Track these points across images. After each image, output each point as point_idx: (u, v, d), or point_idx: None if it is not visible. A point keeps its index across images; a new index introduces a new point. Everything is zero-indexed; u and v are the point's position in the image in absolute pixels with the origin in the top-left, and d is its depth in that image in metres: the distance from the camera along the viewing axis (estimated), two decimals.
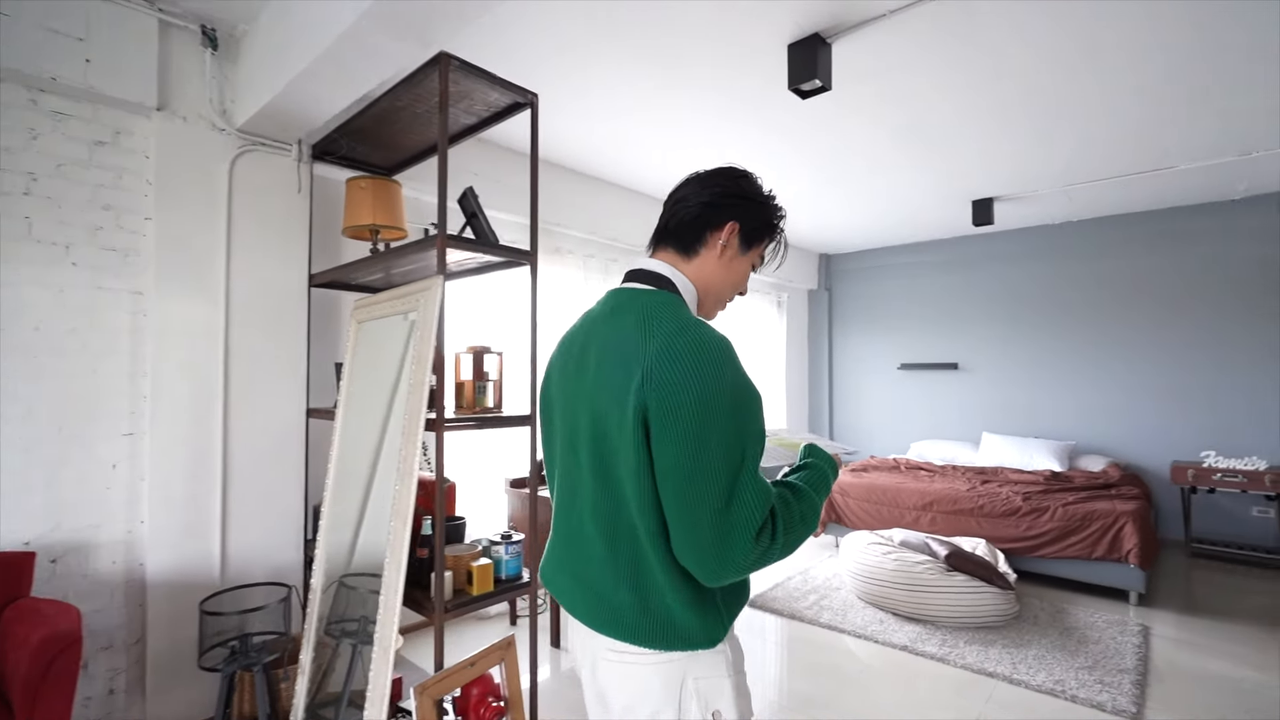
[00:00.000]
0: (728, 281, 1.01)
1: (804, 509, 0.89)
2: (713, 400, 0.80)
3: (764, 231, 1.02)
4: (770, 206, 1.02)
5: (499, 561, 2.02)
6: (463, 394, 2.10)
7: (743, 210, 0.98)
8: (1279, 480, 3.93)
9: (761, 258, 1.06)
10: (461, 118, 2.26)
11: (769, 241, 1.04)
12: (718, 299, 1.03)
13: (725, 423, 0.80)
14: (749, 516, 0.80)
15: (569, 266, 3.92)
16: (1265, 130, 3.25)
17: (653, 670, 0.88)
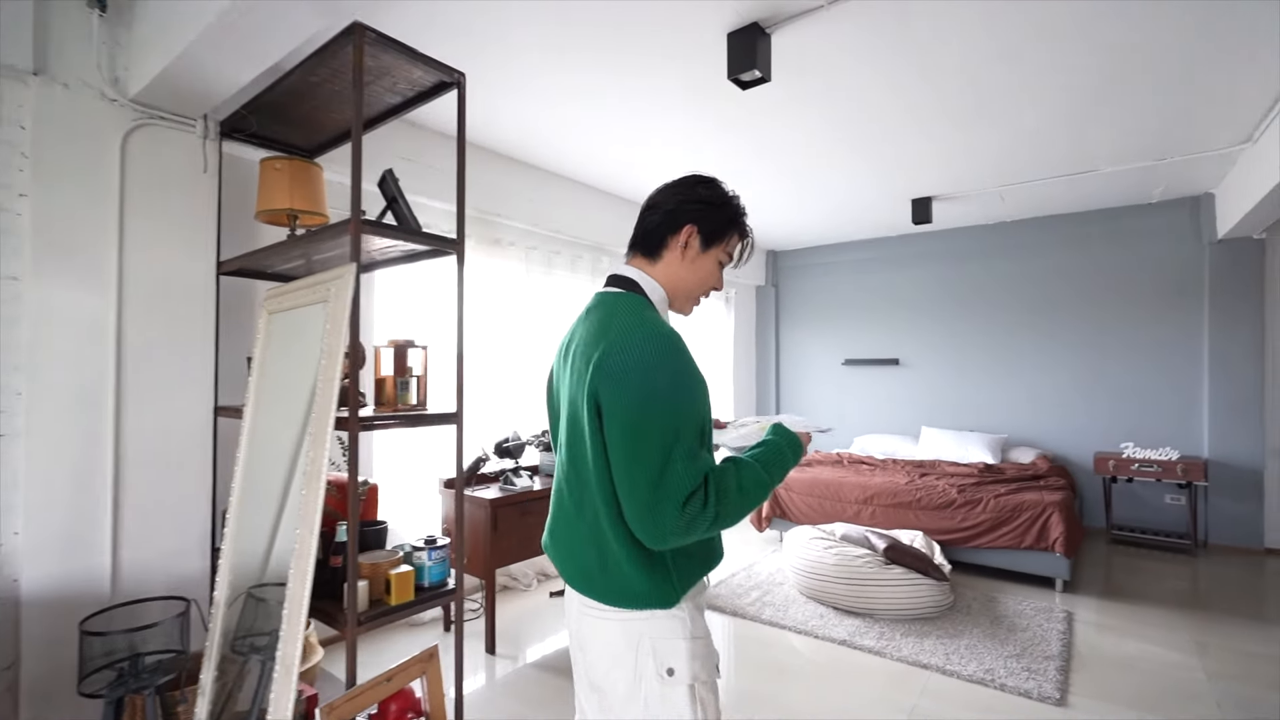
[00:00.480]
0: (694, 279, 1.12)
1: (744, 480, 0.98)
2: (652, 387, 0.93)
3: (724, 230, 1.12)
4: (728, 207, 1.12)
5: (421, 568, 1.90)
6: (383, 391, 1.97)
7: (699, 214, 1.10)
8: (1189, 469, 4.17)
9: (729, 254, 1.15)
10: (385, 97, 2.11)
11: (734, 238, 1.15)
12: (688, 296, 1.14)
13: (663, 406, 0.93)
14: (678, 486, 0.92)
15: (510, 259, 3.79)
16: (1179, 135, 3.41)
17: (616, 626, 1.02)
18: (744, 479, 0.99)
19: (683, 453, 0.93)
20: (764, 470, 1.02)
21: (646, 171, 3.98)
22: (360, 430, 1.70)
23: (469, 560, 2.91)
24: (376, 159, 3.03)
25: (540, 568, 3.82)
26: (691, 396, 0.97)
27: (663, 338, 0.97)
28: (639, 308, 1.04)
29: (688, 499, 0.93)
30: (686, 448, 0.94)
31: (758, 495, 1.00)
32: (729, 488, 0.96)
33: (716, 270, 1.14)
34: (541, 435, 3.37)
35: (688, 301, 1.15)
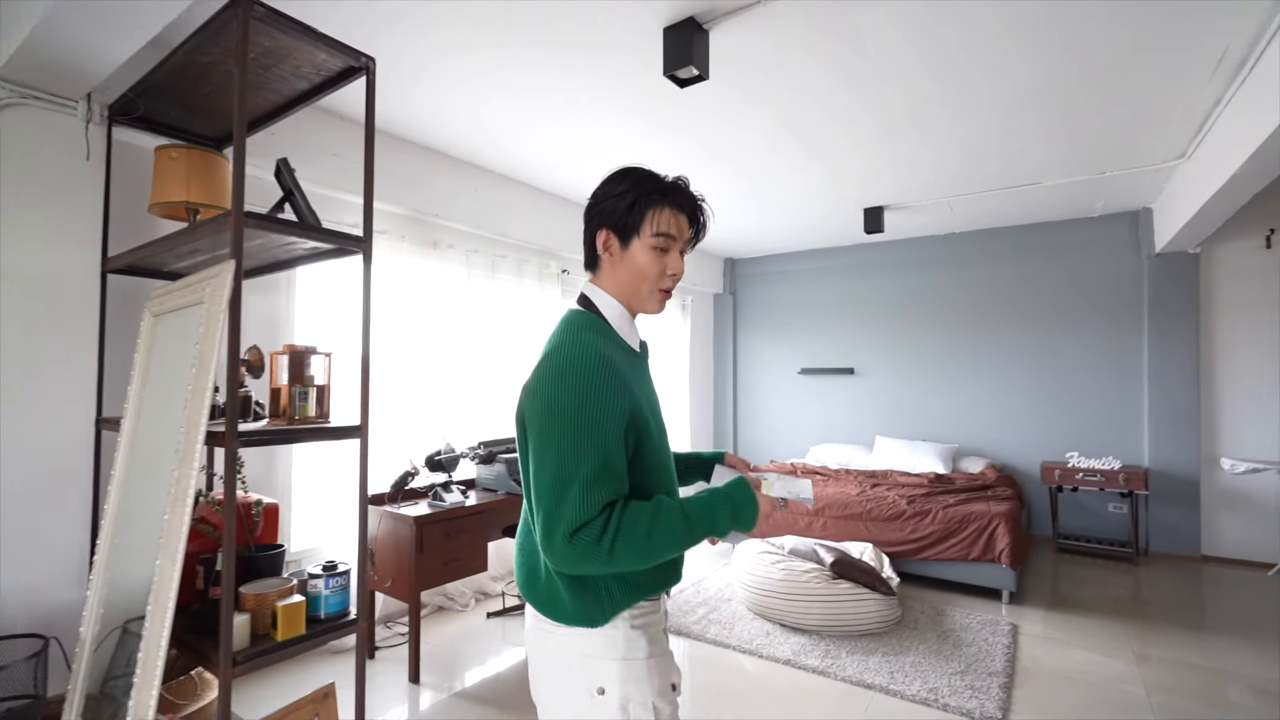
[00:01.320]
0: (633, 278, 1.05)
1: (657, 526, 0.92)
2: (557, 410, 0.92)
3: (633, 218, 1.03)
4: (628, 193, 1.03)
5: (317, 598, 1.73)
6: (278, 401, 1.79)
7: (604, 213, 1.05)
8: (1131, 478, 4.23)
9: (662, 234, 1.04)
10: (291, 82, 1.95)
11: (651, 217, 1.03)
12: (636, 295, 1.07)
13: (566, 430, 0.91)
14: (570, 514, 0.89)
15: (450, 262, 3.62)
16: (1118, 150, 3.46)
17: (550, 638, 1.02)
18: (657, 525, 0.93)
19: (583, 480, 0.90)
20: (685, 521, 0.95)
21: (595, 173, 3.85)
22: (241, 446, 1.52)
23: (392, 583, 2.72)
24: (297, 152, 2.84)
25: (479, 587, 3.63)
26: (600, 421, 0.92)
27: (579, 362, 0.94)
28: (582, 327, 1.02)
29: (578, 529, 0.89)
30: (587, 474, 0.90)
31: (669, 545, 0.93)
32: (636, 529, 0.91)
33: (654, 259, 1.04)
34: (477, 447, 3.20)
35: (643, 300, 1.08)
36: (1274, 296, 4.23)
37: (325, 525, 3.08)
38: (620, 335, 1.07)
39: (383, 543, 2.78)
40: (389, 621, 3.23)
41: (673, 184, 1.06)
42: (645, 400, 1.03)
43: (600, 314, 1.06)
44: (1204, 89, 2.73)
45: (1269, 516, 4.18)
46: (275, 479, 2.85)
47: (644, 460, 1.01)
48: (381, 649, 2.96)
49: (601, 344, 0.98)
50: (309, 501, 3.05)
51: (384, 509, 2.77)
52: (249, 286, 2.74)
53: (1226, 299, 4.37)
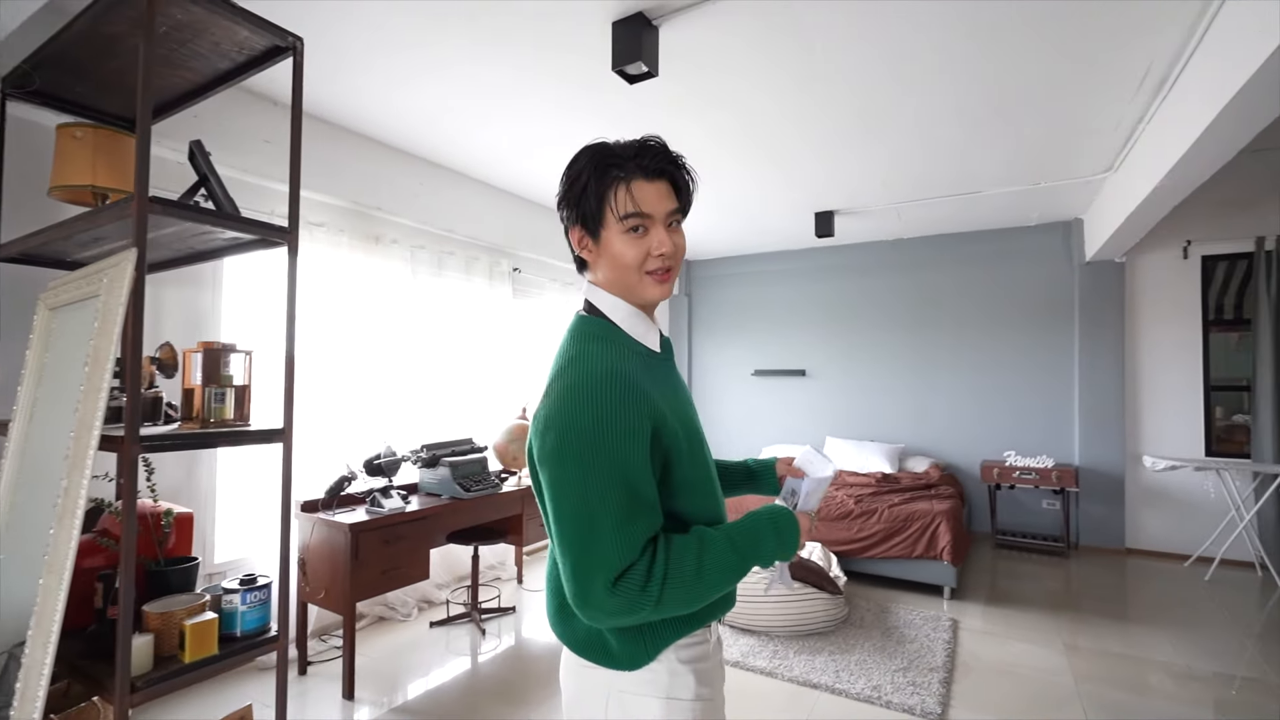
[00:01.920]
0: (616, 270, 0.91)
1: (706, 561, 0.82)
2: (569, 442, 0.79)
3: (593, 206, 0.89)
4: (579, 179, 0.90)
5: (232, 614, 1.60)
6: (191, 403, 1.66)
7: (568, 211, 0.93)
8: (1062, 476, 4.42)
9: (626, 214, 0.88)
10: (212, 60, 1.82)
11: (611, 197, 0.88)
12: (628, 287, 0.92)
13: (582, 464, 0.78)
14: (606, 559, 0.77)
15: (393, 258, 3.48)
16: (1051, 162, 3.61)
17: (583, 670, 0.91)
18: (706, 561, 0.81)
19: (613, 519, 0.78)
20: (734, 552, 0.84)
21: (547, 170, 3.79)
22: (144, 451, 1.39)
23: (325, 594, 2.58)
24: (226, 138, 2.69)
25: (422, 595, 3.50)
26: (619, 448, 0.79)
27: (588, 379, 0.82)
28: (588, 337, 0.90)
29: (621, 576, 0.77)
30: (616, 512, 0.78)
31: (720, 583, 0.82)
32: (683, 570, 0.80)
33: (631, 243, 0.89)
34: (420, 450, 3.08)
35: (638, 291, 0.93)
36: (1191, 303, 4.50)
37: (254, 535, 2.90)
38: (634, 336, 0.93)
39: (315, 552, 2.63)
40: (324, 635, 3.07)
41: (635, 149, 0.89)
42: (672, 409, 0.89)
43: (606, 317, 0.93)
44: (1129, 106, 2.86)
45: (1186, 511, 4.43)
46: (196, 486, 2.67)
47: (675, 478, 0.88)
48: (315, 664, 2.81)
49: (611, 354, 0.87)
50: (236, 510, 2.88)
51: (317, 516, 2.63)
52: (168, 279, 2.56)
53: (1149, 306, 4.62)
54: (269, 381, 2.15)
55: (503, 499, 3.22)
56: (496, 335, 4.16)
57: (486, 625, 3.28)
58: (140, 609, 1.52)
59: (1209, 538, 4.27)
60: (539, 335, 4.69)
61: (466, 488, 3.04)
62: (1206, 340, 4.47)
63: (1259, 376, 4.16)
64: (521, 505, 3.35)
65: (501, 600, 3.61)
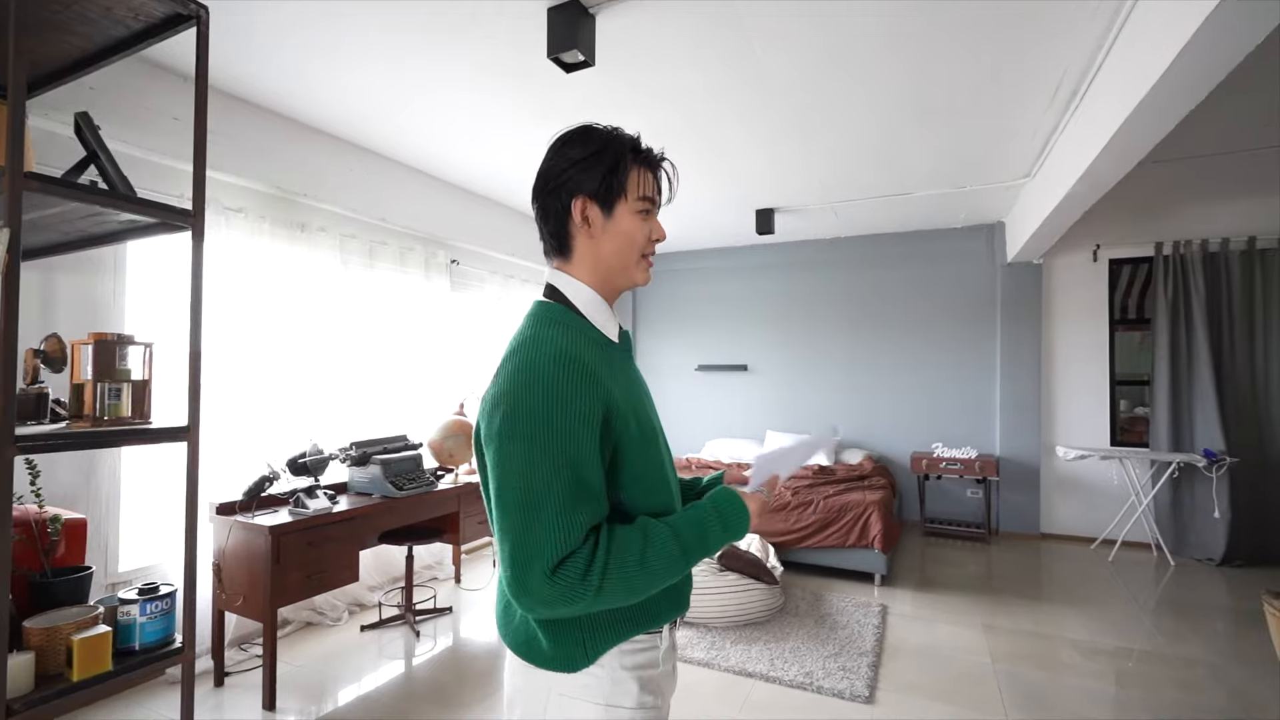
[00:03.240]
0: (617, 249, 0.91)
1: (650, 552, 0.80)
2: (517, 422, 0.78)
3: (617, 179, 0.90)
4: (609, 151, 0.90)
5: (130, 627, 1.49)
6: (81, 400, 1.52)
7: (580, 179, 0.90)
8: (985, 466, 4.67)
9: (646, 198, 0.92)
10: (104, 26, 1.66)
11: (636, 177, 0.91)
12: (624, 268, 0.93)
13: (529, 445, 0.77)
14: (545, 545, 0.75)
15: (320, 247, 3.31)
16: (975, 167, 3.79)
17: (526, 673, 0.88)
18: (650, 551, 0.80)
19: (556, 504, 0.76)
20: (677, 543, 0.82)
21: (485, 158, 3.69)
22: (19, 454, 1.26)
23: (244, 601, 2.44)
24: (129, 113, 2.49)
25: (353, 598, 3.37)
26: (569, 432, 0.78)
27: (540, 360, 0.81)
28: (546, 321, 0.89)
29: (560, 563, 0.76)
30: (560, 497, 0.76)
31: (663, 574, 0.81)
32: (627, 560, 0.78)
33: (640, 224, 0.92)
34: (349, 448, 2.96)
35: (628, 272, 0.93)
36: (1099, 303, 4.83)
37: (165, 541, 2.72)
38: (595, 325, 0.92)
39: (232, 556, 2.48)
40: (244, 643, 2.91)
41: (645, 145, 0.94)
42: (625, 399, 0.87)
43: (570, 303, 0.92)
44: (1045, 115, 3.03)
45: (1093, 497, 4.77)
46: (96, 490, 2.47)
47: (625, 470, 0.86)
48: (234, 674, 2.66)
49: (568, 339, 0.85)
50: (145, 515, 2.69)
51: (234, 519, 2.48)
52: (61, 266, 2.36)
53: (1062, 305, 4.93)
54: (182, 376, 2.00)
55: (438, 497, 3.13)
56: (433, 329, 4.04)
57: (421, 627, 3.18)
58: (20, 625, 1.39)
59: (1112, 521, 4.61)
60: (478, 329, 4.58)
61: (399, 486, 2.94)
62: (1112, 338, 4.81)
63: (1157, 373, 4.51)
64: (458, 503, 3.27)
65: (437, 601, 3.51)
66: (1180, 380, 4.44)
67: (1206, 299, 4.37)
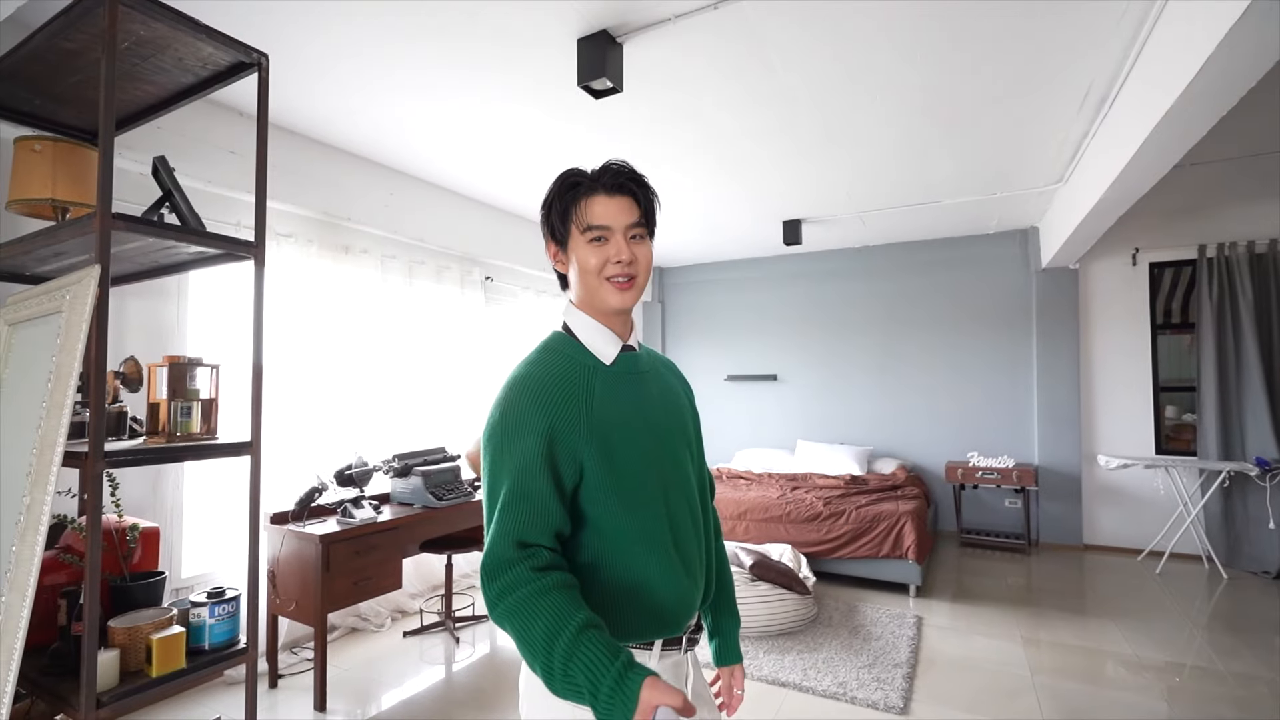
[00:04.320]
0: (581, 279, 1.00)
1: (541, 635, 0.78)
2: (487, 433, 0.92)
3: (559, 219, 1.00)
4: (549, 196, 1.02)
5: (200, 628, 1.61)
6: (157, 418, 1.66)
7: (545, 229, 1.04)
8: (1023, 475, 4.58)
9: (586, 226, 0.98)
10: (175, 75, 1.82)
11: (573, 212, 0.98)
12: (592, 293, 0.99)
13: (489, 453, 0.91)
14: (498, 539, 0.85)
15: (363, 267, 3.48)
16: (1007, 174, 3.76)
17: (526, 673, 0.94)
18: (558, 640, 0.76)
19: (501, 505, 0.87)
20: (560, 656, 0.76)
21: (516, 179, 3.82)
22: (108, 467, 1.39)
23: (296, 606, 2.57)
24: (190, 149, 2.68)
25: (396, 605, 3.49)
26: (514, 442, 0.88)
27: (509, 381, 0.95)
28: (542, 347, 1.01)
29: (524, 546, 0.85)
30: (502, 499, 0.87)
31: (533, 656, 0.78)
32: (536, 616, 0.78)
33: (590, 251, 0.97)
34: (391, 460, 3.09)
35: (598, 295, 0.98)
36: (1140, 307, 4.70)
37: (223, 548, 2.88)
38: (590, 349, 0.98)
39: (285, 564, 2.62)
40: (296, 647, 3.04)
41: (599, 169, 0.99)
42: (605, 417, 0.92)
43: (572, 332, 1.01)
44: (1074, 122, 3.01)
45: (1139, 507, 4.62)
46: (163, 501, 2.64)
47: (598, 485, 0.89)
48: (286, 676, 2.79)
49: (546, 361, 0.95)
50: (204, 523, 2.85)
51: (287, 528, 2.62)
52: (131, 292, 2.54)
53: (1101, 310, 4.82)
54: (238, 393, 2.15)
55: (475, 507, 3.24)
56: (469, 344, 4.17)
57: (461, 633, 3.28)
58: (105, 624, 1.52)
59: (1159, 533, 4.46)
60: (510, 343, 4.70)
61: (439, 496, 3.05)
62: (1155, 343, 4.67)
63: (1203, 378, 4.37)
64: None
65: (475, 608, 3.61)
66: (1229, 386, 4.29)
67: (1254, 301, 4.22)
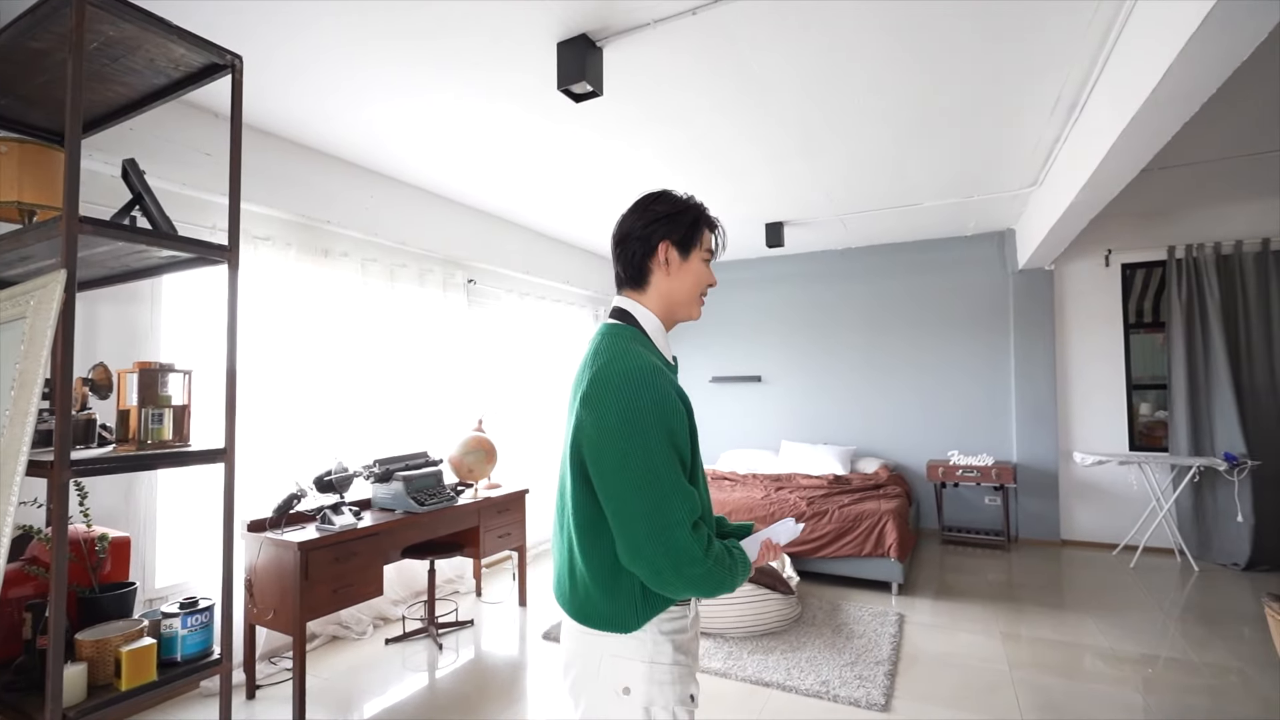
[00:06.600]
0: (685, 286, 1.15)
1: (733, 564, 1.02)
2: (632, 417, 0.96)
3: (694, 232, 1.16)
4: (689, 211, 1.16)
5: (172, 639, 1.57)
6: (127, 425, 1.63)
7: (666, 227, 1.13)
8: (1002, 473, 4.65)
9: (709, 250, 1.19)
10: (147, 76, 1.79)
11: (705, 234, 1.18)
12: (687, 302, 1.17)
13: (647, 434, 0.95)
14: (682, 514, 0.94)
15: (344, 270, 3.44)
16: (983, 177, 3.83)
17: (583, 636, 1.07)
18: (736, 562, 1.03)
19: (675, 479, 0.96)
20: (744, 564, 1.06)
21: (498, 182, 3.81)
22: (75, 476, 1.36)
23: (274, 615, 2.53)
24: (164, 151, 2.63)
25: (377, 612, 3.45)
26: (669, 423, 0.98)
27: (640, 369, 1.00)
28: (626, 339, 1.07)
29: (696, 524, 0.97)
30: (677, 475, 0.97)
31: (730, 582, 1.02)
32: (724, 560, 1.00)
33: (704, 269, 1.18)
34: (373, 465, 3.05)
35: (689, 306, 1.18)
36: (1113, 307, 4.81)
37: (199, 557, 2.83)
38: (657, 347, 1.12)
39: (263, 572, 2.58)
40: (274, 657, 3.00)
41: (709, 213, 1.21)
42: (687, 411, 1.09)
43: (640, 327, 1.12)
44: (1047, 126, 3.07)
45: (1114, 502, 4.72)
46: (136, 510, 2.59)
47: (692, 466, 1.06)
48: (265, 686, 2.75)
49: (644, 353, 1.05)
50: (180, 532, 2.80)
51: (265, 535, 2.58)
52: (103, 297, 2.49)
53: (1075, 310, 4.92)
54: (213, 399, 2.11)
55: (459, 512, 3.21)
56: (451, 349, 4.14)
57: (444, 640, 3.25)
58: (73, 637, 1.48)
59: (1133, 527, 4.55)
60: (494, 347, 4.68)
61: (421, 502, 3.03)
62: (1128, 342, 4.78)
63: (1174, 376, 4.47)
64: (479, 518, 3.34)
65: (459, 614, 3.58)
66: (1198, 383, 4.40)
67: (1222, 301, 4.34)
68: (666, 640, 1.04)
